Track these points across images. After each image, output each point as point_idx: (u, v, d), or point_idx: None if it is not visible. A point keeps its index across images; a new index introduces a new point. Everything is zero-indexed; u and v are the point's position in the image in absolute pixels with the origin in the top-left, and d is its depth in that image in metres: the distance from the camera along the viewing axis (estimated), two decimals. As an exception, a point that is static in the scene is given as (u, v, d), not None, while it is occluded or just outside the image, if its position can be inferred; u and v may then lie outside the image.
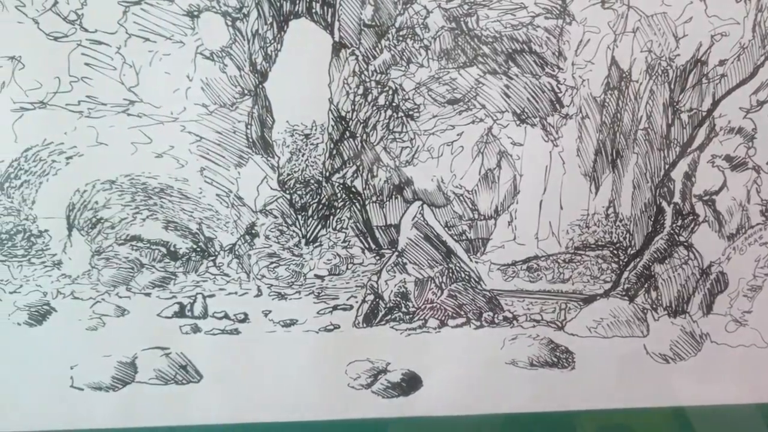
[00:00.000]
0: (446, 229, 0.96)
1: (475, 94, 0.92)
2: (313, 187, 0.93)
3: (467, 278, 0.98)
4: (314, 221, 0.94)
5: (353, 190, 0.94)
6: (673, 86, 0.95)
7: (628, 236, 0.99)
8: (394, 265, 0.96)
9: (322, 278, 0.95)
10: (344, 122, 0.91)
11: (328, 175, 0.93)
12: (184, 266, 0.93)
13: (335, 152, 0.92)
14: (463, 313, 0.99)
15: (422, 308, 0.98)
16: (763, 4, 0.92)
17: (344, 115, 0.91)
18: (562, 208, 0.97)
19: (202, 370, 0.96)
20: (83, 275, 0.92)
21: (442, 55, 0.90)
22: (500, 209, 0.96)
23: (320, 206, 0.94)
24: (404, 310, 0.98)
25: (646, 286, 1.01)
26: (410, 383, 1.00)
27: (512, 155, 0.94)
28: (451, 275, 0.98)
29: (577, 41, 0.91)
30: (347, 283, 0.96)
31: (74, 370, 0.94)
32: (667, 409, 1.06)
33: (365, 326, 0.97)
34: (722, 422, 1.07)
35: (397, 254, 0.96)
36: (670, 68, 0.94)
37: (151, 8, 0.85)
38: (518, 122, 0.94)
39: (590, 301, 1.01)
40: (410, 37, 0.90)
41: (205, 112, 0.88)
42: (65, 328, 0.92)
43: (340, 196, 0.94)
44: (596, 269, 1.00)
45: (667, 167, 0.97)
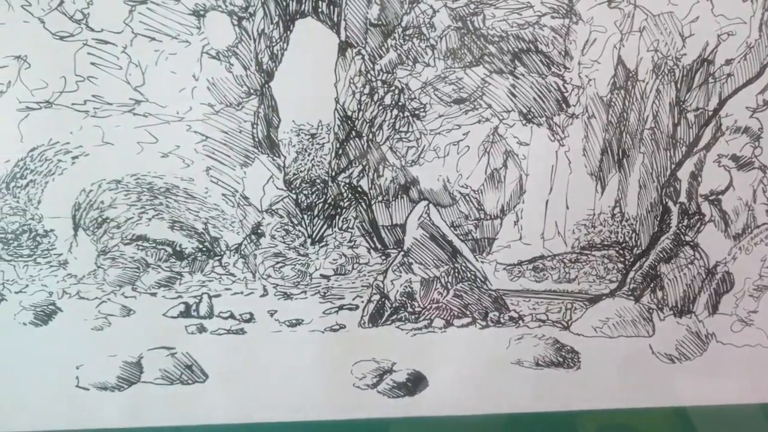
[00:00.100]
0: (452, 228, 0.96)
1: (481, 93, 0.92)
2: (319, 186, 0.93)
3: (473, 278, 0.98)
4: (320, 221, 0.94)
5: (359, 189, 0.94)
6: (679, 86, 0.94)
7: (634, 236, 0.99)
8: (399, 264, 0.96)
9: (327, 278, 0.95)
10: (350, 122, 0.91)
11: (334, 174, 0.93)
12: (189, 266, 0.93)
13: (341, 152, 0.92)
14: (468, 312, 0.99)
15: (428, 308, 0.98)
16: (769, 3, 0.92)
17: (350, 114, 0.91)
18: (568, 207, 0.97)
19: (207, 370, 0.96)
20: (89, 275, 0.92)
21: (448, 54, 0.90)
22: (506, 209, 0.96)
23: (326, 206, 0.94)
24: (410, 309, 0.98)
25: (651, 285, 1.01)
26: (416, 383, 1.00)
27: (518, 155, 0.94)
28: (456, 275, 0.98)
29: (583, 41, 0.91)
30: (353, 282, 0.96)
31: (80, 370, 0.94)
32: (672, 409, 1.06)
33: (371, 326, 0.97)
34: (728, 422, 1.07)
35: (402, 254, 0.96)
36: (676, 67, 0.94)
37: (157, 7, 0.85)
38: (524, 122, 0.94)
39: (596, 300, 1.00)
40: (416, 36, 0.90)
41: (211, 111, 0.88)
42: (71, 328, 0.92)
43: (346, 195, 0.93)
44: (602, 269, 1.00)
45: (673, 167, 0.97)
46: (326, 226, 0.94)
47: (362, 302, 0.96)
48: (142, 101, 0.87)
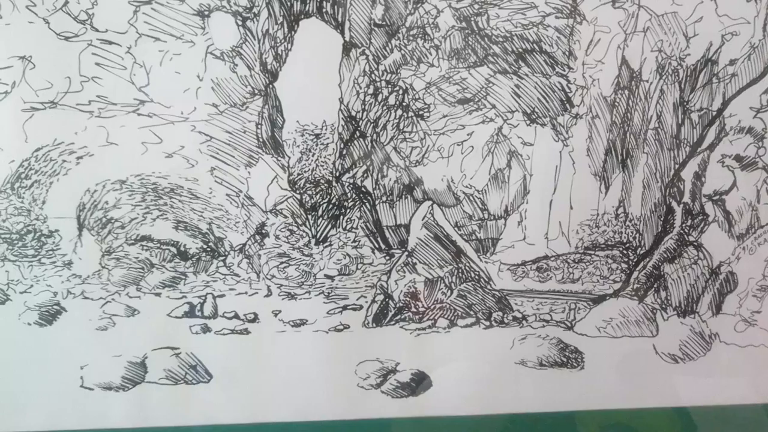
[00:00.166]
0: (456, 229, 0.96)
1: (485, 93, 0.92)
2: (323, 186, 0.93)
3: (477, 278, 0.98)
4: (324, 221, 0.94)
5: (363, 189, 0.94)
6: (683, 86, 0.94)
7: (637, 236, 0.99)
8: (403, 264, 0.96)
9: (332, 278, 0.95)
10: (354, 122, 0.91)
11: (338, 174, 0.93)
12: (194, 266, 0.93)
13: (345, 152, 0.92)
14: (472, 312, 0.99)
15: (432, 308, 0.98)
16: (773, 3, 0.92)
17: (354, 114, 0.91)
18: (572, 207, 0.97)
19: (212, 370, 0.96)
20: (93, 275, 0.92)
21: (452, 54, 0.90)
22: (510, 209, 0.96)
23: (330, 206, 0.94)
24: (414, 309, 0.98)
25: (655, 286, 1.01)
26: (420, 383, 1.00)
27: (522, 155, 0.94)
28: (460, 275, 0.98)
29: (587, 41, 0.91)
30: (357, 283, 0.96)
31: (84, 370, 0.94)
32: (676, 409, 1.06)
33: (375, 326, 0.97)
34: (732, 423, 1.07)
35: (406, 254, 0.96)
36: (680, 68, 0.94)
37: (161, 8, 0.85)
38: (528, 122, 0.94)
39: (600, 301, 1.00)
40: (420, 36, 0.90)
41: (215, 111, 0.88)
42: (75, 328, 0.92)
43: (350, 195, 0.94)
44: (606, 269, 1.00)
45: (677, 167, 0.97)
46: (330, 226, 0.94)
47: (366, 302, 0.97)
48: (146, 101, 0.87)
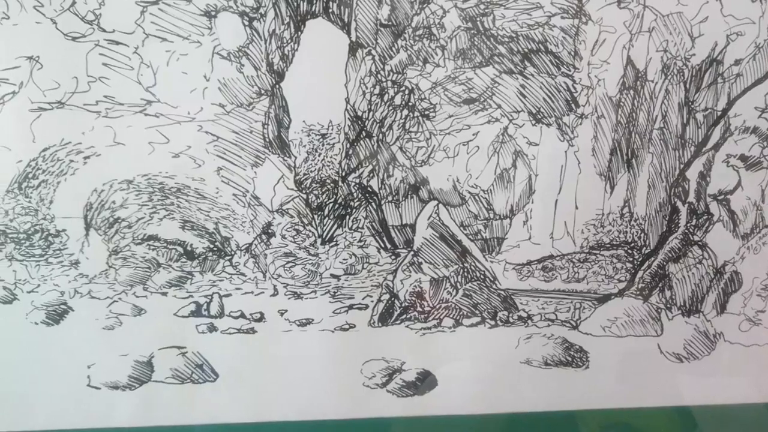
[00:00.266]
0: (461, 228, 0.97)
1: (491, 93, 0.92)
2: (329, 186, 0.93)
3: (482, 277, 0.98)
4: (330, 221, 0.94)
5: (369, 189, 0.94)
6: (688, 86, 0.95)
7: (642, 236, 0.99)
8: (409, 264, 0.97)
9: (338, 278, 0.95)
10: (360, 122, 0.91)
11: (344, 174, 0.93)
12: (200, 266, 0.93)
13: (351, 152, 0.92)
14: (478, 312, 0.99)
15: (437, 307, 0.98)
16: (779, 3, 0.92)
17: (360, 114, 0.91)
18: (577, 207, 0.97)
19: (218, 369, 0.96)
20: (100, 275, 0.92)
21: (458, 54, 0.91)
22: (515, 209, 0.96)
23: (336, 206, 0.94)
24: (419, 309, 0.98)
25: (660, 285, 1.01)
26: (425, 382, 1.00)
27: (528, 155, 0.95)
28: (466, 274, 0.98)
29: (592, 41, 0.91)
30: (363, 282, 0.96)
31: (91, 369, 0.94)
32: (680, 408, 1.06)
33: (380, 325, 0.98)
34: (736, 422, 1.07)
35: (412, 254, 0.96)
36: (685, 68, 0.94)
37: (168, 8, 0.85)
38: (534, 122, 0.94)
39: (605, 300, 1.01)
40: (426, 36, 0.90)
41: (222, 112, 0.89)
42: (82, 327, 0.93)
43: (356, 195, 0.94)
44: (611, 269, 1.00)
45: (681, 167, 0.97)
46: (336, 225, 0.94)
47: (372, 302, 0.97)
48: (153, 102, 0.87)
